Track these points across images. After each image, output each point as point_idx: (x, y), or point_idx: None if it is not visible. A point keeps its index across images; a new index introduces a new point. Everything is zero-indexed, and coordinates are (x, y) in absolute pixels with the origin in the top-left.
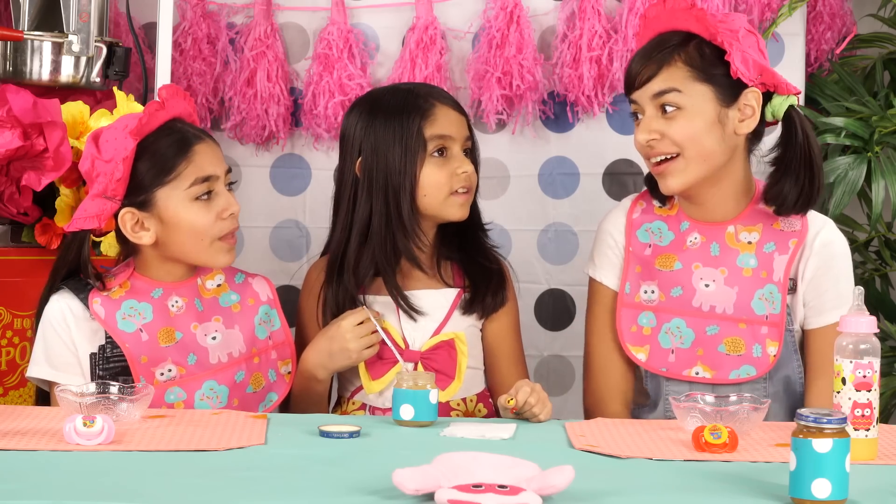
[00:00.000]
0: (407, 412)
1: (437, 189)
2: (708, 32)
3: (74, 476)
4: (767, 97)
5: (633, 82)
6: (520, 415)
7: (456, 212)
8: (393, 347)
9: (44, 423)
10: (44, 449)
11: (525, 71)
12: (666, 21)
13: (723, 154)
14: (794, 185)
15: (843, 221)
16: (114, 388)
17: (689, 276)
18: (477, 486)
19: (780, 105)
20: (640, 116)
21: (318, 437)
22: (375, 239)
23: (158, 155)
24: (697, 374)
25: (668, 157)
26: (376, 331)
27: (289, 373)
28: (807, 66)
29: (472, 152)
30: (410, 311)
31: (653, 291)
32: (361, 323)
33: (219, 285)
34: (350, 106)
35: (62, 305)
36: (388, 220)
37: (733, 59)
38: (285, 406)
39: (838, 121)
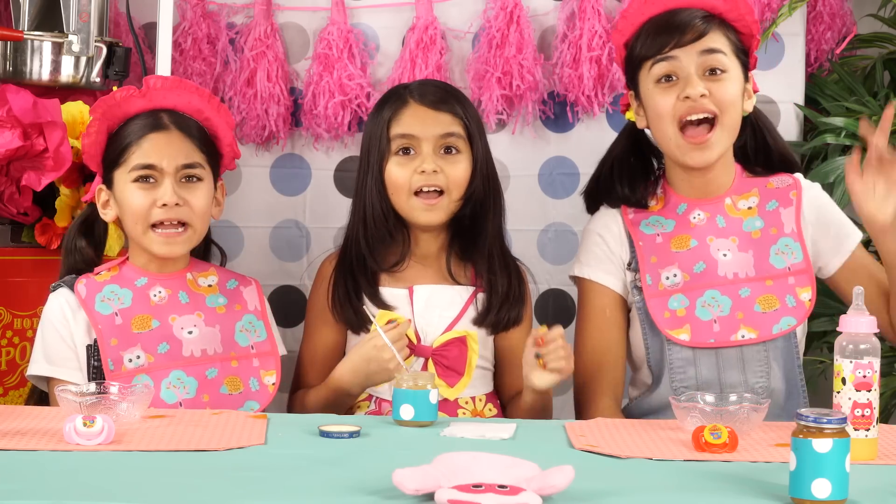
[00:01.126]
0: (407, 412)
1: (398, 188)
2: (739, 16)
3: (74, 476)
4: None
5: (671, 41)
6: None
7: (420, 216)
8: (396, 353)
9: (44, 423)
10: (44, 449)
11: (525, 71)
12: None
13: (738, 129)
14: (775, 146)
15: None
16: (114, 388)
17: (706, 249)
18: (477, 486)
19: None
20: (673, 78)
21: (318, 437)
22: (353, 235)
23: (120, 138)
24: (743, 336)
25: (706, 117)
26: (404, 336)
27: (273, 384)
28: (807, 66)
29: (479, 155)
30: (383, 306)
31: (675, 275)
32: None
33: (210, 286)
34: None
35: (60, 301)
36: (364, 217)
37: (756, 46)
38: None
39: (838, 121)
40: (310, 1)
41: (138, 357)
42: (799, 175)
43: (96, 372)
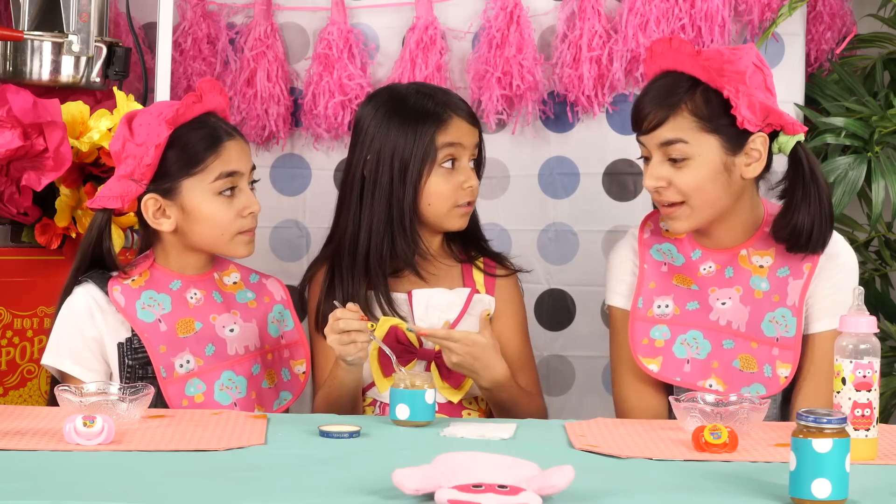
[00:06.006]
0: (403, 412)
1: (442, 200)
2: (714, 81)
3: (74, 476)
4: (774, 132)
5: (640, 125)
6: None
7: (456, 222)
8: (391, 354)
9: (44, 423)
10: (44, 449)
11: (525, 71)
12: (672, 60)
13: (728, 198)
14: (806, 221)
15: (843, 221)
16: (114, 388)
17: (706, 295)
18: (477, 486)
19: (786, 143)
20: (648, 159)
21: (318, 437)
22: (374, 240)
23: (189, 146)
24: (711, 385)
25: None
26: (367, 339)
27: (303, 372)
28: (807, 66)
29: (479, 161)
30: (391, 311)
31: (667, 305)
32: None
33: (235, 283)
34: (368, 96)
35: (87, 298)
36: (390, 225)
37: (739, 109)
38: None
39: (838, 121)
40: (310, 1)
41: (188, 362)
42: (838, 236)
43: (131, 371)
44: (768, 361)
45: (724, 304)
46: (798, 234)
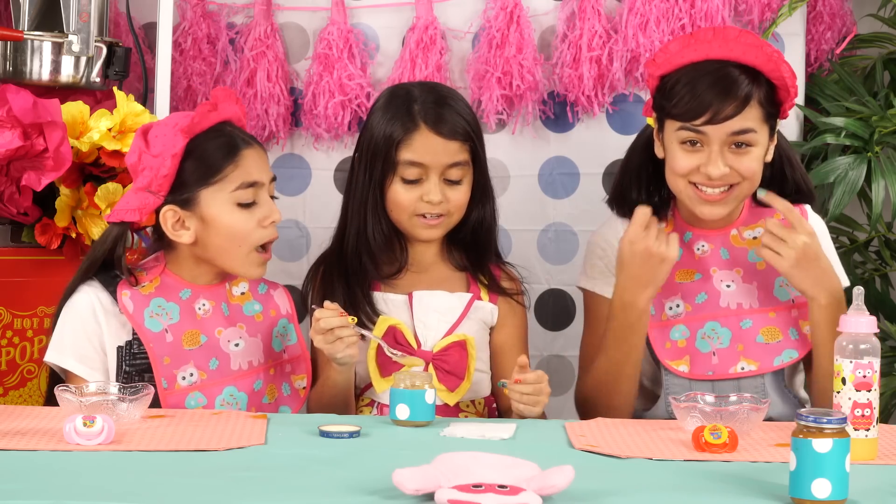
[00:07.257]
0: (403, 412)
1: (401, 209)
2: (775, 72)
3: (74, 476)
4: None
5: (704, 114)
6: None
7: (420, 233)
8: (381, 342)
9: (44, 423)
10: (44, 449)
11: (525, 71)
12: (721, 48)
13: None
14: (796, 175)
15: (843, 221)
16: (114, 388)
17: (709, 280)
18: (477, 486)
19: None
20: (696, 144)
21: (318, 437)
22: (353, 241)
23: (206, 156)
24: (743, 368)
25: (725, 188)
26: (351, 334)
27: (303, 388)
28: (807, 66)
29: (480, 173)
30: (372, 312)
31: (678, 305)
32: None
33: (243, 293)
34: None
35: (92, 298)
36: (364, 226)
37: (792, 101)
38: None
39: (838, 121)
40: (310, 1)
41: (191, 374)
42: (808, 207)
43: (127, 376)
44: (792, 324)
45: (728, 286)
46: (798, 183)
